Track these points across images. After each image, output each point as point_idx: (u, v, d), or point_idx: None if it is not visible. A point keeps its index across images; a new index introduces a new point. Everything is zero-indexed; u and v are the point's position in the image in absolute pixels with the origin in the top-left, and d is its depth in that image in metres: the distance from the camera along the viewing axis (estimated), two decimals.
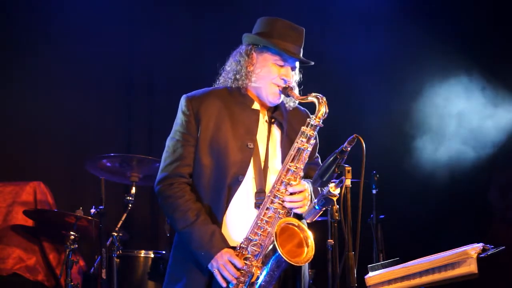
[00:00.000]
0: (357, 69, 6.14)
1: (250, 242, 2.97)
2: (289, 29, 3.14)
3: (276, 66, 3.12)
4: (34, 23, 5.65)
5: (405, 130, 6.20)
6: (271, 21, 3.17)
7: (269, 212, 2.98)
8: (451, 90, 6.15)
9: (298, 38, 3.15)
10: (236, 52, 3.22)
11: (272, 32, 3.12)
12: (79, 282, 4.85)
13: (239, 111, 3.14)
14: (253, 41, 3.17)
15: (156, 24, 6.12)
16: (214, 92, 3.20)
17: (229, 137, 3.09)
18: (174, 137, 3.14)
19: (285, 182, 2.98)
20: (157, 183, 3.14)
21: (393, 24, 6.25)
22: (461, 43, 6.11)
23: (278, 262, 2.89)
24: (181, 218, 3.03)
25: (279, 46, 3.09)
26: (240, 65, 3.16)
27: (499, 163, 6.02)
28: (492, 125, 6.09)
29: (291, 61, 3.15)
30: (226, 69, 3.23)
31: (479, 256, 2.80)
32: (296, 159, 3.00)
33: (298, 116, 3.24)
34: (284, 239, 2.89)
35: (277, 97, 3.14)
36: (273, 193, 2.98)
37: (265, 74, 3.12)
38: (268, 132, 3.17)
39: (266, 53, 3.13)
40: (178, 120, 3.17)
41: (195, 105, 3.13)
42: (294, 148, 3.01)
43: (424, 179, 6.00)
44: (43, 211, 4.87)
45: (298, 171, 3.00)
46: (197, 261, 3.01)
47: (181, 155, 3.10)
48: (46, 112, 5.62)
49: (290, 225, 2.93)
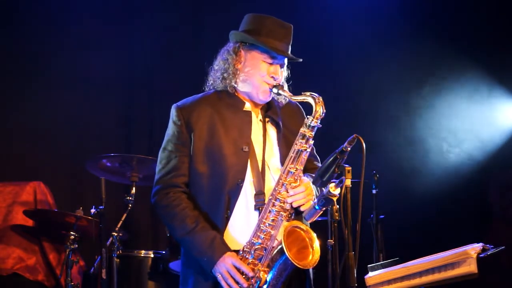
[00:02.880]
0: (358, 69, 6.15)
1: (253, 246, 2.95)
2: (277, 26, 3.11)
3: (265, 63, 3.09)
4: (34, 23, 5.65)
5: (405, 130, 6.20)
6: (259, 18, 3.13)
7: (271, 215, 2.96)
8: (451, 90, 6.15)
9: (286, 35, 3.12)
10: (223, 50, 3.18)
11: (260, 30, 3.08)
12: (79, 282, 4.85)
13: (231, 115, 3.11)
14: (241, 39, 3.14)
15: (156, 24, 6.12)
16: (204, 98, 3.17)
17: (224, 143, 3.06)
18: (167, 148, 3.12)
19: (285, 185, 2.97)
20: (153, 195, 3.13)
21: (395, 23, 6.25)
22: (458, 43, 6.11)
23: (285, 265, 2.88)
24: (179, 226, 3.02)
25: (268, 44, 3.06)
26: (227, 63, 3.13)
27: (499, 163, 6.03)
28: (492, 125, 6.10)
29: (280, 59, 3.11)
30: (214, 68, 3.20)
31: (479, 256, 2.80)
32: (296, 160, 2.98)
33: (291, 111, 3.22)
34: (290, 242, 2.88)
35: (268, 95, 3.11)
36: (274, 196, 2.97)
37: (254, 72, 3.09)
38: (263, 131, 3.15)
39: (255, 51, 3.10)
40: (170, 130, 3.14)
41: (185, 114, 3.11)
42: (293, 150, 3.00)
43: (424, 179, 6.00)
44: (43, 211, 4.87)
45: (298, 172, 2.99)
46: (201, 267, 3.00)
47: (175, 166, 3.08)
48: (46, 112, 5.62)
49: (296, 228, 2.92)
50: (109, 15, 5.91)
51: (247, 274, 2.92)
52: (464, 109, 6.13)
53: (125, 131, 6.03)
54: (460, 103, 6.13)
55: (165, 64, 6.06)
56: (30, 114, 5.59)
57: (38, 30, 5.67)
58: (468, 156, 6.08)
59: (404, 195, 5.98)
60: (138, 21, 6.08)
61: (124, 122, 6.02)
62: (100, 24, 5.85)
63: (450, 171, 6.05)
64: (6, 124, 5.51)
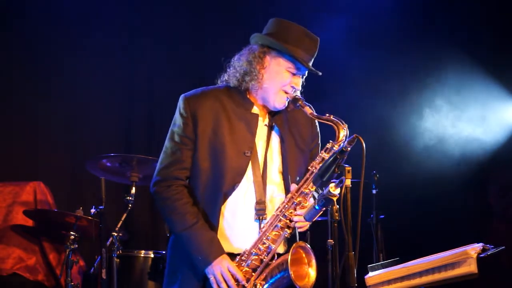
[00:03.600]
0: (358, 68, 6.15)
1: (251, 256, 2.95)
2: (304, 36, 3.06)
3: (288, 73, 3.05)
4: (35, 24, 5.65)
5: (405, 130, 6.20)
6: (286, 24, 3.08)
7: (275, 230, 2.95)
8: (451, 90, 6.15)
9: (312, 47, 3.08)
10: (247, 51, 3.12)
11: (287, 37, 3.04)
12: (79, 282, 4.85)
13: (238, 115, 3.09)
14: (267, 43, 3.08)
15: (156, 24, 6.12)
16: (213, 91, 3.14)
17: (227, 143, 3.04)
18: (173, 139, 3.10)
19: (295, 204, 2.95)
20: (154, 185, 3.10)
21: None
22: (459, 42, 6.11)
23: (281, 281, 2.88)
24: (179, 220, 3.01)
25: (295, 55, 3.02)
26: (251, 66, 3.07)
27: (499, 163, 6.02)
28: (493, 125, 6.09)
29: (303, 70, 3.08)
30: (234, 66, 3.13)
31: (479, 256, 2.80)
32: (309, 180, 2.97)
33: (301, 117, 3.18)
34: (292, 261, 2.87)
35: (283, 104, 3.09)
36: (282, 213, 2.95)
37: (276, 80, 3.05)
38: (267, 137, 3.12)
39: (280, 58, 3.05)
40: (176, 121, 3.12)
41: (192, 106, 3.07)
42: (310, 172, 2.97)
43: (425, 179, 6.00)
44: (43, 211, 4.87)
45: (310, 194, 2.97)
46: (192, 264, 2.99)
47: (179, 158, 3.07)
48: (46, 112, 5.62)
49: (299, 248, 2.92)
50: (110, 15, 5.91)
51: (240, 281, 2.92)
52: (464, 109, 6.13)
53: (125, 131, 6.03)
54: (460, 103, 6.13)
55: (166, 64, 6.06)
56: (30, 114, 5.59)
57: (38, 30, 5.66)
58: (468, 156, 6.08)
59: (404, 195, 5.98)
60: (138, 21, 6.08)
61: (124, 122, 6.02)
62: (100, 25, 5.85)
63: (450, 171, 6.05)
64: (6, 124, 5.51)
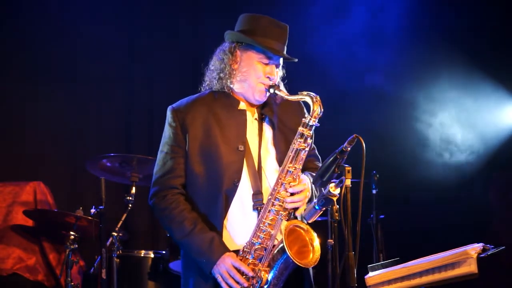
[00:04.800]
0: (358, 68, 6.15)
1: (253, 246, 2.94)
2: (272, 26, 3.08)
3: (261, 64, 3.07)
4: (35, 23, 5.65)
5: (405, 129, 6.20)
6: (254, 18, 3.11)
7: (270, 215, 2.95)
8: (452, 90, 6.15)
9: (281, 35, 3.10)
10: (219, 50, 3.16)
11: (255, 30, 3.06)
12: (79, 282, 4.85)
13: (226, 115, 3.10)
14: (236, 39, 3.11)
15: (157, 24, 6.12)
16: (199, 99, 3.16)
17: (219, 143, 3.05)
18: (163, 150, 3.12)
19: (284, 184, 2.96)
20: (151, 197, 3.13)
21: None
22: (461, 42, 6.11)
23: (286, 264, 2.87)
24: (178, 229, 3.02)
25: (263, 44, 3.03)
26: (224, 63, 3.11)
27: (499, 163, 6.03)
28: (493, 125, 6.09)
29: (276, 59, 3.09)
30: (210, 68, 3.18)
31: (479, 256, 2.80)
32: (294, 159, 2.97)
33: (290, 107, 3.19)
34: (291, 241, 2.88)
35: (263, 95, 3.10)
36: (274, 196, 2.96)
37: (250, 73, 3.07)
38: (259, 130, 3.13)
39: (251, 51, 3.08)
40: (166, 132, 3.15)
41: (180, 116, 3.10)
42: (292, 149, 2.98)
43: (424, 179, 6.01)
44: (43, 211, 4.87)
45: (297, 171, 2.98)
46: (200, 269, 2.99)
47: (171, 167, 3.08)
48: (46, 112, 5.63)
49: (296, 227, 2.92)
50: (110, 15, 5.91)
51: (247, 274, 2.91)
52: (465, 109, 6.13)
53: (125, 131, 6.03)
54: (461, 103, 6.13)
55: (166, 64, 6.06)
56: (30, 114, 5.59)
57: (39, 30, 5.67)
58: (469, 156, 6.08)
59: (404, 195, 5.98)
60: (138, 21, 6.09)
61: (124, 122, 6.02)
62: (101, 25, 5.85)
63: (450, 171, 6.05)
64: (7, 124, 5.51)
